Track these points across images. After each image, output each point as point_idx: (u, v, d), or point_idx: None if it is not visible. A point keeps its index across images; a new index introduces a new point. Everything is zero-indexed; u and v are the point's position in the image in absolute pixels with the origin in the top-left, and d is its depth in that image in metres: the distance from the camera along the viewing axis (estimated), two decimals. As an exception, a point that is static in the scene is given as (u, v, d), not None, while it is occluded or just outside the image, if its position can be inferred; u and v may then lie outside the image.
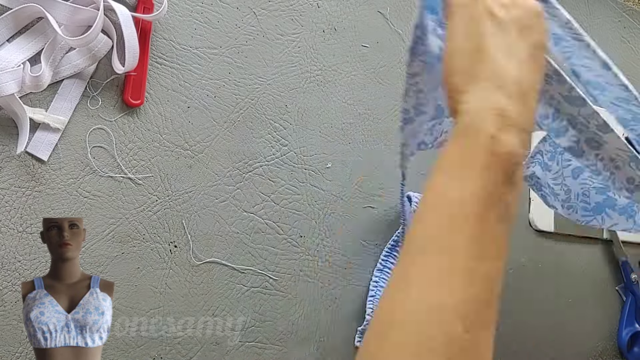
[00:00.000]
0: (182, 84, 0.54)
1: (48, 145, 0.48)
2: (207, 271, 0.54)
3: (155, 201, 0.52)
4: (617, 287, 0.84)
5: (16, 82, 0.45)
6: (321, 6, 0.62)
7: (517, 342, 0.75)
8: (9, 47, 0.47)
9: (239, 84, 0.57)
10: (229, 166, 0.56)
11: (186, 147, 0.54)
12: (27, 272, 0.47)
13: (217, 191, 0.55)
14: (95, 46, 0.49)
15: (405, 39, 0.67)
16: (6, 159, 0.47)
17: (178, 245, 0.53)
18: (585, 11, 0.86)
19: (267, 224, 0.58)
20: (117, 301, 0.50)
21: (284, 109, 0.59)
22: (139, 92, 0.51)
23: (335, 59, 0.63)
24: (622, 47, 0.90)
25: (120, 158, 0.51)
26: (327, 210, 0.61)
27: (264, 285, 0.57)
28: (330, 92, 0.62)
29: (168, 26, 0.54)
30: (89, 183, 0.50)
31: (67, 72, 0.48)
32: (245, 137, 0.57)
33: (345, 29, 0.63)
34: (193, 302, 0.54)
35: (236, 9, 0.57)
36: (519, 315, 0.76)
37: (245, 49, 0.57)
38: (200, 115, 0.55)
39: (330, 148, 0.61)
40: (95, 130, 0.50)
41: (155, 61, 0.53)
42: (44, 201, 0.48)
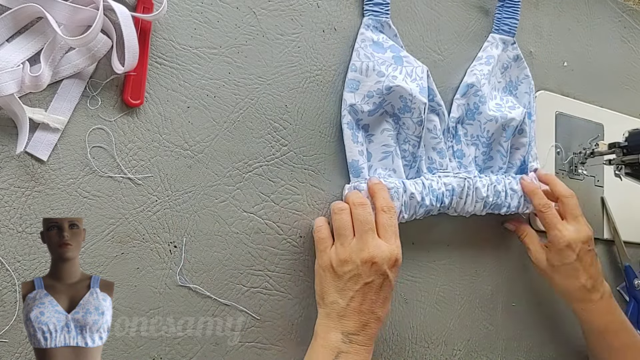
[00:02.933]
0: (182, 83, 0.54)
1: (48, 145, 0.48)
2: (207, 271, 0.54)
3: (155, 201, 0.52)
4: (617, 287, 0.84)
5: (16, 82, 0.45)
6: (321, 6, 0.62)
7: (517, 342, 0.75)
8: (9, 47, 0.47)
9: (239, 84, 0.57)
10: (229, 166, 0.56)
11: (186, 147, 0.54)
12: (27, 272, 0.47)
13: (217, 191, 0.55)
14: (94, 46, 0.49)
15: (406, 39, 0.67)
16: (6, 159, 0.47)
17: (178, 246, 0.53)
18: (585, 11, 0.86)
19: (267, 224, 0.58)
20: (117, 301, 0.50)
21: (284, 109, 0.59)
22: (139, 92, 0.51)
23: (335, 59, 0.63)
24: (622, 47, 0.90)
25: (120, 158, 0.51)
26: (327, 211, 0.61)
27: (264, 286, 0.57)
28: (330, 92, 0.62)
29: (168, 26, 0.54)
30: (89, 183, 0.50)
31: (66, 72, 0.48)
32: (245, 137, 0.57)
33: (345, 29, 0.63)
34: (193, 302, 0.54)
35: (236, 8, 0.57)
36: (519, 315, 0.76)
37: (245, 49, 0.57)
38: (200, 115, 0.55)
39: (330, 148, 0.61)
40: (95, 130, 0.50)
41: (155, 61, 0.53)
42: (44, 201, 0.48)
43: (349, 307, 0.53)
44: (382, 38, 0.62)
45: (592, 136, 0.81)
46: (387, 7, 0.63)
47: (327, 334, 0.53)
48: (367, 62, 0.61)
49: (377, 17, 0.63)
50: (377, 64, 0.60)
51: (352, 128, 0.61)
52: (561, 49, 0.82)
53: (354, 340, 0.53)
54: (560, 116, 0.80)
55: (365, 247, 0.54)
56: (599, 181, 0.83)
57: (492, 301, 0.73)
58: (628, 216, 0.78)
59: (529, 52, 0.78)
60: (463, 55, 0.72)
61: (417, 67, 0.62)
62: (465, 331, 0.71)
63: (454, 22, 0.72)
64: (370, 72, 0.60)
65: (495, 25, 0.73)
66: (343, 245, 0.55)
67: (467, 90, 0.68)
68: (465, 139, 0.68)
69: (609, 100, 0.86)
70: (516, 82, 0.74)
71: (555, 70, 0.81)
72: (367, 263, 0.53)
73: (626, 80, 0.90)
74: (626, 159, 0.71)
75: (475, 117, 0.67)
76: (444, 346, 0.69)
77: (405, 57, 0.62)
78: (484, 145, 0.68)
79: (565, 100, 0.81)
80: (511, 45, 0.73)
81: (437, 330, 0.68)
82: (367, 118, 0.61)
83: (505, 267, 0.75)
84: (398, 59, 0.61)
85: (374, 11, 0.63)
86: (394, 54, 0.61)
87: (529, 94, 0.73)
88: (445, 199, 0.63)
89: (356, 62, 0.61)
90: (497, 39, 0.72)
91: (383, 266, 0.54)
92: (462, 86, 0.69)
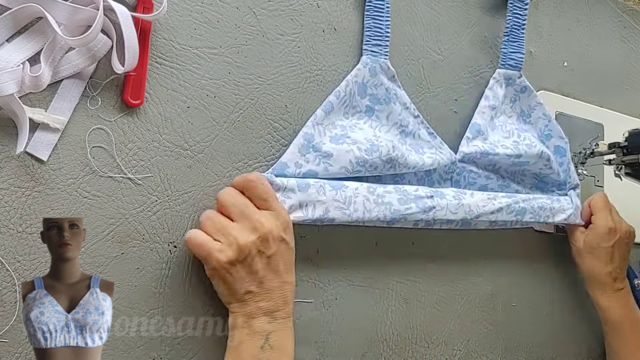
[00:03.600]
0: (182, 84, 0.54)
1: (47, 145, 0.48)
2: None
3: (155, 201, 0.52)
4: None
5: (15, 82, 0.45)
6: (321, 6, 0.62)
7: (517, 342, 0.76)
8: (9, 47, 0.47)
9: (239, 84, 0.57)
10: (229, 166, 0.56)
11: (186, 147, 0.54)
12: (27, 272, 0.47)
13: (216, 191, 0.55)
14: (94, 46, 0.49)
15: (406, 39, 0.67)
16: (5, 159, 0.47)
17: (178, 246, 0.53)
18: (586, 11, 0.86)
19: (267, 224, 0.57)
20: (117, 301, 0.50)
21: (284, 109, 0.59)
22: (139, 92, 0.51)
23: (335, 59, 0.63)
24: (622, 47, 0.90)
25: (120, 158, 0.51)
26: (327, 210, 0.61)
27: (264, 286, 0.57)
28: (330, 92, 0.62)
29: (168, 26, 0.54)
30: (89, 183, 0.50)
31: (66, 72, 0.48)
32: (245, 137, 0.57)
33: (345, 29, 0.63)
34: (193, 302, 0.54)
35: (236, 8, 0.57)
36: (519, 315, 0.76)
37: (245, 49, 0.57)
38: (200, 115, 0.55)
39: (330, 148, 0.61)
40: (95, 130, 0.50)
41: (155, 61, 0.53)
42: (44, 201, 0.48)
43: (263, 287, 0.51)
44: (371, 82, 0.62)
45: (592, 136, 0.81)
46: (386, 49, 0.63)
47: (249, 323, 0.51)
48: (346, 98, 0.60)
49: (375, 57, 0.62)
50: (350, 107, 0.61)
51: (307, 140, 0.58)
52: (561, 49, 0.82)
53: (279, 316, 0.52)
54: (560, 116, 0.80)
55: (250, 224, 0.51)
56: (599, 181, 0.83)
57: (492, 301, 0.73)
58: (628, 216, 0.78)
59: (529, 52, 0.78)
60: (463, 56, 0.72)
61: (383, 126, 0.62)
62: (465, 331, 0.71)
63: (454, 22, 0.72)
64: (338, 111, 0.60)
65: (501, 60, 0.73)
66: (228, 237, 0.50)
67: (477, 133, 0.69)
68: (477, 169, 0.69)
69: (609, 100, 0.86)
70: (528, 110, 0.75)
71: (555, 70, 0.81)
72: (260, 239, 0.51)
73: (626, 80, 0.90)
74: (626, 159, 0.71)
75: (490, 156, 0.69)
76: (444, 346, 0.69)
77: (378, 111, 0.62)
78: (499, 178, 0.71)
79: (565, 100, 0.81)
80: (518, 79, 0.73)
81: (437, 330, 0.68)
82: (328, 144, 0.58)
83: (505, 267, 0.75)
84: (370, 110, 0.62)
85: (372, 51, 0.63)
86: (369, 104, 0.62)
87: (545, 118, 0.74)
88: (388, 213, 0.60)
89: (341, 91, 0.60)
90: (502, 75, 0.72)
91: (279, 233, 0.52)
92: (471, 126, 0.69)
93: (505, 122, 0.72)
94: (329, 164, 0.57)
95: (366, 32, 0.63)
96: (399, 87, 0.64)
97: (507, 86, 0.73)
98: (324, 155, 0.57)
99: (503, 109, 0.73)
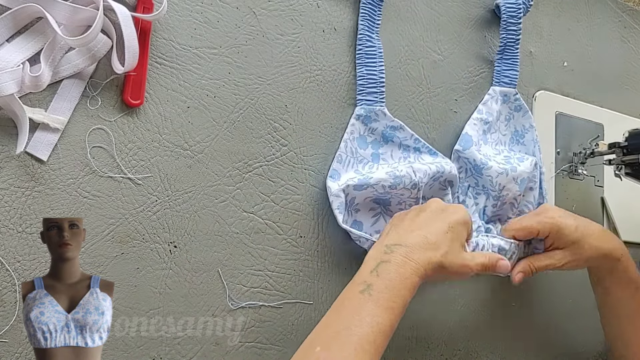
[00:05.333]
0: (182, 84, 0.54)
1: (47, 145, 0.48)
2: (206, 271, 0.54)
3: (155, 201, 0.52)
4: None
5: (15, 82, 0.45)
6: (321, 6, 0.62)
7: (517, 342, 0.75)
8: (9, 47, 0.47)
9: (239, 84, 0.57)
10: (229, 166, 0.56)
11: (186, 147, 0.54)
12: (27, 272, 0.47)
13: (216, 191, 0.55)
14: (94, 46, 0.49)
15: (406, 39, 0.67)
16: (5, 159, 0.47)
17: (178, 246, 0.53)
18: (586, 11, 0.86)
19: (267, 224, 0.58)
20: (117, 301, 0.50)
21: (284, 109, 0.59)
22: (139, 92, 0.51)
23: (335, 59, 0.63)
24: (622, 47, 0.90)
25: (119, 158, 0.51)
26: (327, 210, 0.61)
27: (264, 286, 0.57)
28: (330, 92, 0.62)
29: (168, 26, 0.54)
30: (89, 183, 0.50)
31: (66, 72, 0.48)
32: (245, 137, 0.57)
33: (345, 29, 0.63)
34: (193, 302, 0.54)
35: (236, 8, 0.57)
36: (520, 315, 0.76)
37: (245, 49, 0.57)
38: (200, 115, 0.55)
39: (330, 148, 0.61)
40: (95, 131, 0.50)
41: (155, 61, 0.53)
42: (44, 201, 0.48)
43: (400, 228, 0.54)
44: (368, 131, 0.62)
45: (592, 136, 0.81)
46: (382, 96, 0.63)
47: (368, 255, 0.52)
48: (350, 157, 0.61)
49: (370, 107, 0.62)
50: (357, 161, 0.61)
51: (341, 212, 0.58)
52: (561, 49, 0.82)
53: (395, 250, 0.50)
54: (560, 116, 0.80)
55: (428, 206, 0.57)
56: (599, 181, 0.83)
57: (492, 301, 0.73)
58: (628, 216, 0.78)
59: (529, 52, 0.78)
60: (463, 55, 0.72)
61: (393, 162, 0.62)
62: (465, 331, 0.71)
63: (454, 22, 0.72)
64: (349, 168, 0.61)
65: (495, 77, 0.72)
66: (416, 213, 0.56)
67: (467, 144, 0.67)
68: (473, 189, 0.68)
69: (609, 100, 0.86)
70: (522, 130, 0.74)
71: (555, 70, 0.81)
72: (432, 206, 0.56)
73: (626, 80, 0.90)
74: (626, 159, 0.71)
75: (484, 172, 0.66)
76: (444, 346, 0.69)
77: (383, 154, 0.62)
78: (495, 198, 0.68)
79: (565, 100, 0.81)
80: (513, 97, 0.73)
81: (437, 330, 0.68)
82: (353, 192, 0.59)
83: (505, 267, 0.75)
84: (376, 156, 0.62)
85: (367, 100, 0.62)
86: (374, 151, 0.62)
87: (534, 144, 0.73)
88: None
89: (342, 154, 0.61)
90: (497, 92, 0.72)
91: (442, 205, 0.57)
92: (461, 137, 0.68)
93: (499, 140, 0.72)
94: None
95: (359, 81, 0.62)
96: (390, 120, 0.63)
97: (502, 103, 0.72)
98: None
99: (498, 127, 0.72)
